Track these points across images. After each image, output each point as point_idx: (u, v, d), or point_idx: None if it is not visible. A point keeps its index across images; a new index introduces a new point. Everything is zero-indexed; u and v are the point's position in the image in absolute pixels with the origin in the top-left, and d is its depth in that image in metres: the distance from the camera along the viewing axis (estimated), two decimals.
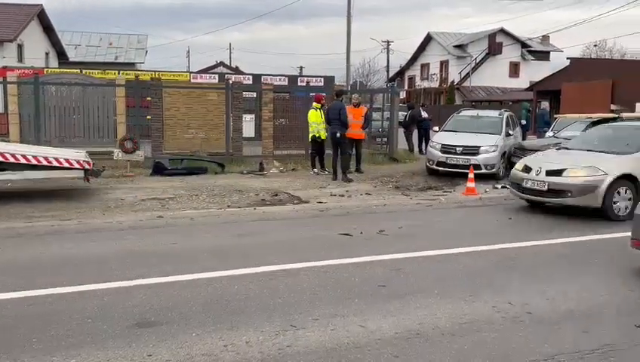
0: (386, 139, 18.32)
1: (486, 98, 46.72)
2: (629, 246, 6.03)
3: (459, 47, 50.86)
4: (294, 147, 15.93)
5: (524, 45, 50.14)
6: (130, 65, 35.75)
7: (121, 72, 21.90)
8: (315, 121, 13.41)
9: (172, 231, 7.71)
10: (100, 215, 8.70)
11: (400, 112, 20.04)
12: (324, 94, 14.78)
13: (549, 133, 16.12)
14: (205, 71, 36.62)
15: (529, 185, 9.25)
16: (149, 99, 14.65)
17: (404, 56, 57.37)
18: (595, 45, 53.51)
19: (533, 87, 35.34)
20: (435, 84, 51.91)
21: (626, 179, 8.88)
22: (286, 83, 23.59)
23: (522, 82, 44.48)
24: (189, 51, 63.72)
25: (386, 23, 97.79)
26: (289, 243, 7.21)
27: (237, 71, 41.69)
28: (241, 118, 15.41)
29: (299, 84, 23.04)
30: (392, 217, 9.01)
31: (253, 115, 17.42)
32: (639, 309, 4.97)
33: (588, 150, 9.82)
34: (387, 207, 9.95)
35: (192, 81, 23.42)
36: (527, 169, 9.52)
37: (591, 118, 14.53)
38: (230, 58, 61.69)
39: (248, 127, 16.70)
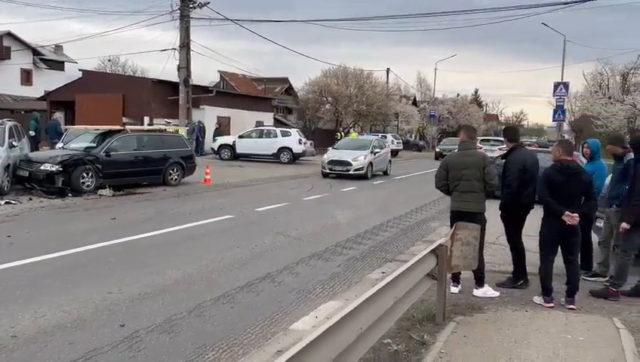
0: None
1: None
2: None
3: None
4: None
5: (36, 53, 47.67)
6: None
7: None
8: None
9: None
10: None
11: None
12: None
13: (60, 144, 15.83)
14: None
15: None
16: None
17: None
18: (109, 60, 55.92)
19: (47, 96, 34.01)
20: None
21: None
22: None
23: (37, 91, 42.11)
24: None
25: None
26: None
27: None
28: None
29: None
30: None
31: None
32: (126, 310, 5.29)
33: None
34: None
35: None
36: None
37: (98, 129, 15.06)
38: None
39: None
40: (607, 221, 6.93)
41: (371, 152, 20.38)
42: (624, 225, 5.95)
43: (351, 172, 19.33)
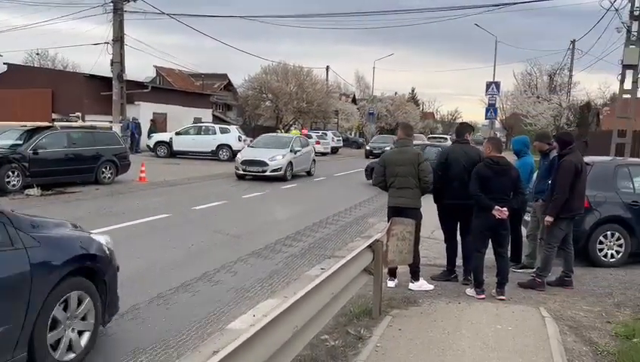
0: None
1: None
2: None
3: None
4: None
5: None
6: None
7: None
8: None
9: None
10: None
11: None
12: None
13: None
14: None
15: None
16: None
17: None
18: (37, 54, 53.25)
19: None
20: None
21: None
22: None
23: None
24: None
25: None
26: None
27: None
28: None
29: None
30: None
31: None
32: None
33: None
34: None
35: None
36: None
37: (25, 126, 14.32)
38: None
39: None
40: (533, 214, 7.25)
41: (291, 151, 18.58)
42: (547, 218, 6.25)
43: (267, 173, 17.37)
